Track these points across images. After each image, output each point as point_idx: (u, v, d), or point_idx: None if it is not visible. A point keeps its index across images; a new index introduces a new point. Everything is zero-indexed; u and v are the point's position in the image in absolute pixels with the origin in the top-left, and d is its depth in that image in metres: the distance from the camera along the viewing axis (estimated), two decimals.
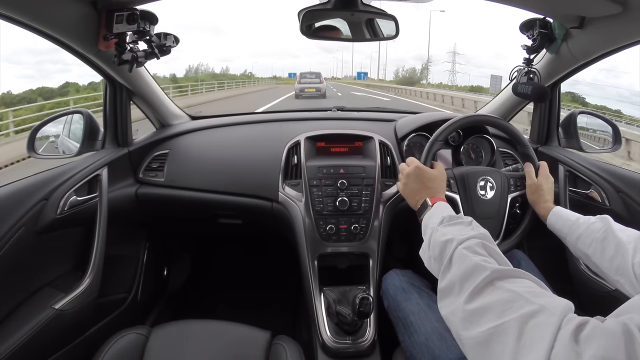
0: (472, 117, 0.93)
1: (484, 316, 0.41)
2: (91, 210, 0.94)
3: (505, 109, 1.29)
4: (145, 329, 0.82)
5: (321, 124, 1.27)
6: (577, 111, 1.18)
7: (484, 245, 0.52)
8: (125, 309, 1.14)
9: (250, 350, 0.79)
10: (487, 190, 0.90)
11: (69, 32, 0.81)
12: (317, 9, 0.84)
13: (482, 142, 1.15)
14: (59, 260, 0.94)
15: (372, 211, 1.00)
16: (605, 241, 0.65)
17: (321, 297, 0.94)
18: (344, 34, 0.92)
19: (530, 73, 1.04)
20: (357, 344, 0.87)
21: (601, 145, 1.21)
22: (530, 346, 0.35)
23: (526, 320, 0.37)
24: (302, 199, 1.01)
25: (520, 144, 0.91)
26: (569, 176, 1.04)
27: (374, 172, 1.03)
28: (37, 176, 0.85)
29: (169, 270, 1.49)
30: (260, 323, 0.86)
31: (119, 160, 1.08)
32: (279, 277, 1.51)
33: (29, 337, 0.75)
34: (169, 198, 1.14)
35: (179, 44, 1.01)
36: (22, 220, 0.77)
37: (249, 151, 1.17)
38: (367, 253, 0.99)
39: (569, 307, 0.38)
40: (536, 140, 1.21)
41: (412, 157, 0.83)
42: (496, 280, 0.44)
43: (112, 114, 1.09)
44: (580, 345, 0.33)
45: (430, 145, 0.86)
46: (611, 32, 0.82)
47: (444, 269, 0.52)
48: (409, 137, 1.13)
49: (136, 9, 0.85)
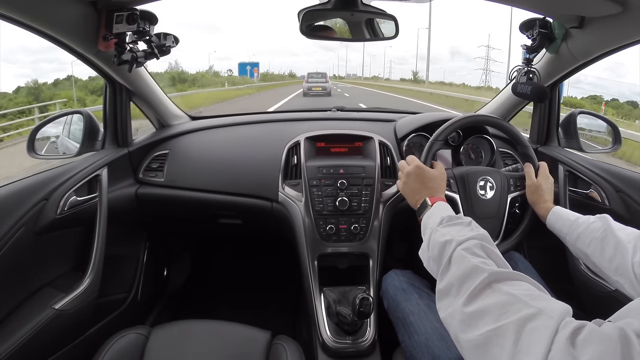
0: (472, 117, 0.93)
1: (482, 319, 0.41)
2: (91, 211, 0.94)
3: (505, 109, 1.29)
4: (145, 329, 0.82)
5: (321, 124, 1.27)
6: (576, 111, 1.18)
7: (482, 247, 0.52)
8: (125, 309, 1.14)
9: (250, 350, 0.79)
10: (486, 190, 0.90)
11: (69, 32, 0.81)
12: (317, 9, 0.84)
13: (482, 142, 1.15)
14: (59, 260, 0.94)
15: (372, 211, 1.00)
16: (604, 240, 0.65)
17: (321, 297, 0.94)
18: (343, 34, 0.92)
19: (529, 73, 1.03)
20: (357, 344, 0.87)
21: (601, 146, 1.21)
22: (528, 349, 0.35)
23: (524, 324, 0.37)
24: (302, 199, 1.01)
25: (520, 144, 0.91)
26: (569, 176, 1.04)
27: (374, 172, 1.03)
28: (37, 176, 0.85)
29: (169, 270, 1.50)
30: (260, 323, 0.86)
31: (119, 161, 1.08)
32: (279, 277, 1.51)
33: (29, 337, 0.75)
34: (169, 198, 1.14)
35: (178, 44, 1.01)
36: (22, 220, 0.77)
37: (249, 151, 1.17)
38: (367, 253, 0.99)
39: (566, 311, 0.38)
40: (536, 140, 1.21)
41: (412, 156, 0.83)
42: (494, 282, 0.44)
43: (112, 114, 1.09)
44: (577, 349, 0.33)
45: (430, 145, 0.86)
46: (611, 32, 0.81)
47: (442, 269, 0.52)
48: (408, 137, 1.13)
49: (136, 9, 0.84)
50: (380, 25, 0.91)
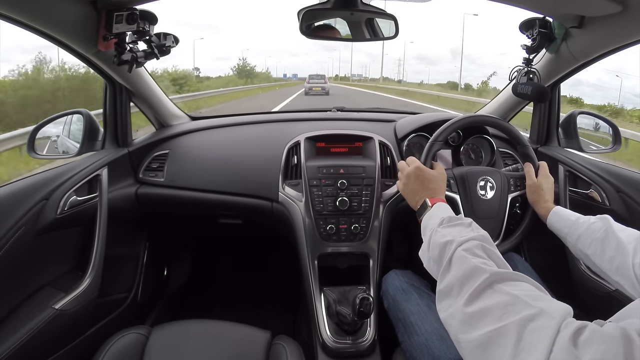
0: (472, 118, 0.93)
1: (483, 319, 0.41)
2: (91, 210, 0.94)
3: (505, 109, 1.28)
4: (145, 329, 0.82)
5: (321, 124, 1.27)
6: (576, 111, 1.18)
7: (483, 248, 0.52)
8: (125, 309, 1.14)
9: (250, 350, 0.79)
10: (487, 190, 0.90)
11: (69, 32, 0.81)
12: (316, 9, 0.84)
13: (482, 142, 1.15)
14: (59, 260, 0.94)
15: (372, 211, 1.00)
16: (605, 241, 0.65)
17: (321, 297, 0.94)
18: (343, 34, 0.92)
19: (530, 73, 1.03)
20: (357, 344, 0.87)
21: (601, 146, 1.20)
22: (529, 350, 0.35)
23: (525, 324, 0.37)
24: (302, 199, 1.01)
25: (520, 144, 0.91)
26: (569, 176, 1.04)
27: (374, 172, 1.03)
28: (37, 176, 0.85)
29: (169, 270, 1.50)
30: (260, 323, 0.86)
31: (119, 161, 1.08)
32: (279, 277, 1.51)
33: (29, 337, 0.75)
34: (169, 198, 1.14)
35: (178, 44, 1.01)
36: (22, 220, 0.77)
37: (249, 151, 1.17)
38: (367, 253, 0.99)
39: (568, 311, 0.38)
40: (536, 140, 1.21)
41: (412, 157, 0.83)
42: (495, 283, 0.44)
43: (112, 114, 1.09)
44: (578, 349, 0.33)
45: (430, 145, 0.86)
46: (611, 32, 0.81)
47: (443, 270, 0.52)
48: (408, 138, 1.13)
49: (136, 9, 0.84)
50: (380, 24, 0.91)
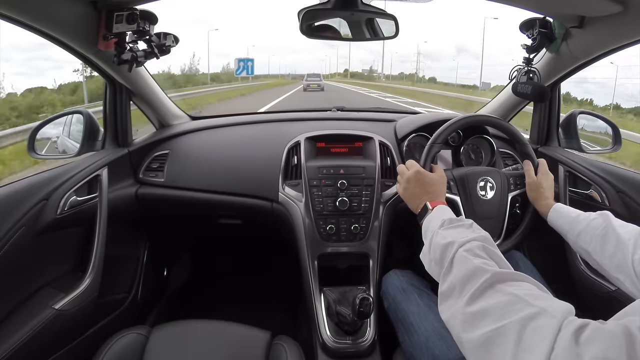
0: (472, 118, 0.93)
1: (484, 319, 0.41)
2: (91, 211, 0.94)
3: (505, 109, 1.28)
4: (145, 329, 0.82)
5: (321, 124, 1.27)
6: (577, 111, 1.17)
7: (484, 248, 0.52)
8: (125, 309, 1.14)
9: (250, 350, 0.79)
10: (487, 190, 0.90)
11: (69, 32, 0.80)
12: (317, 9, 0.84)
13: (482, 142, 1.15)
14: (59, 260, 0.94)
15: (372, 211, 1.00)
16: (605, 237, 0.65)
17: (321, 297, 0.94)
18: (343, 34, 0.92)
19: (530, 72, 1.03)
20: (357, 344, 0.87)
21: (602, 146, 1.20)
22: (530, 348, 0.35)
23: (526, 323, 0.37)
24: (302, 199, 1.01)
25: (519, 142, 0.91)
26: (569, 176, 1.04)
27: (374, 172, 1.03)
28: (37, 176, 0.85)
29: (169, 270, 1.50)
30: (260, 323, 0.86)
31: (119, 161, 1.08)
32: (279, 277, 1.51)
33: (29, 337, 0.75)
34: (169, 198, 1.14)
35: (178, 43, 1.01)
36: (22, 220, 0.77)
37: (249, 151, 1.17)
38: (367, 253, 0.99)
39: (569, 310, 0.38)
40: (536, 140, 1.21)
41: (411, 160, 0.83)
42: (496, 283, 0.44)
43: (112, 114, 1.08)
44: (580, 347, 0.33)
45: (429, 147, 0.86)
46: (611, 32, 0.81)
47: (444, 272, 0.52)
48: (409, 138, 1.13)
49: (136, 9, 0.84)
50: (380, 24, 0.91)
